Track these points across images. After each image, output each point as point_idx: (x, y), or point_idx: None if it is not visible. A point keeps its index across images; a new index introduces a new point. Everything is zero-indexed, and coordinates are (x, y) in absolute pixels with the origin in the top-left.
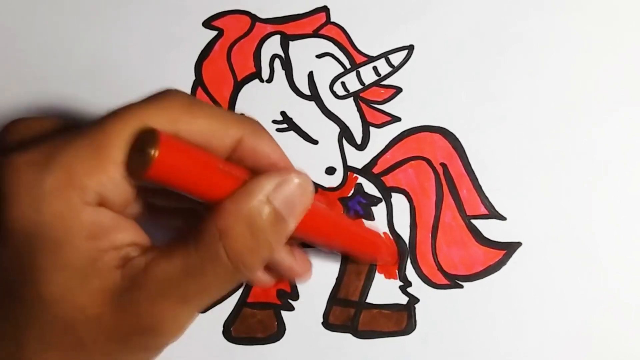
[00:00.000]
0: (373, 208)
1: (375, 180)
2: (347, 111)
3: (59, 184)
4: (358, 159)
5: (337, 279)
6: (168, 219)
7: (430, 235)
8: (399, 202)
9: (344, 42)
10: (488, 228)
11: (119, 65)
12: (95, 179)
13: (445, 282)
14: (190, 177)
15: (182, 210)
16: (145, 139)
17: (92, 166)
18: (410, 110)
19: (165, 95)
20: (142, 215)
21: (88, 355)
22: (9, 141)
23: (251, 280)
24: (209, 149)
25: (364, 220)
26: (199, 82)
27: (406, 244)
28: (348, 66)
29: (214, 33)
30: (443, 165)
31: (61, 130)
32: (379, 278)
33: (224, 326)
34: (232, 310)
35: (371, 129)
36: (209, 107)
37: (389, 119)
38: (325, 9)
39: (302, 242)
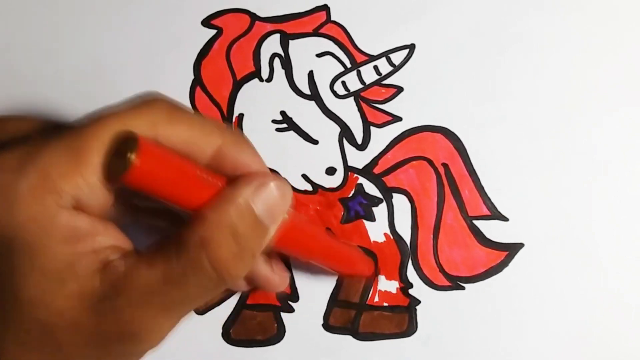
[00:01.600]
0: (374, 209)
1: (376, 180)
2: (348, 111)
3: (34, 187)
4: (359, 159)
5: (337, 280)
6: (150, 220)
7: (431, 236)
8: (400, 202)
9: (345, 41)
10: (490, 229)
11: (117, 64)
12: (71, 183)
13: (447, 283)
14: (168, 183)
15: (164, 211)
16: (124, 144)
17: (68, 170)
18: (411, 109)
19: (146, 100)
20: (123, 216)
21: None
22: None
23: (232, 286)
24: (189, 156)
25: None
26: (197, 82)
27: (407, 245)
28: (348, 65)
29: (213, 32)
30: (444, 165)
31: (39, 131)
32: (379, 279)
33: (223, 328)
34: (232, 312)
35: (372, 128)
36: (191, 114)
37: (390, 118)
38: (325, 8)
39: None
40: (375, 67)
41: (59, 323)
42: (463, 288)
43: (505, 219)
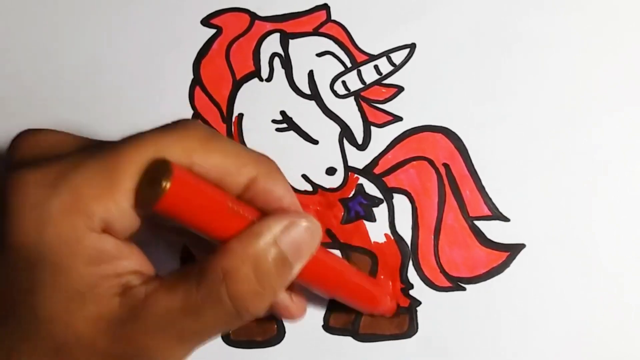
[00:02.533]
0: (374, 209)
1: (377, 180)
2: (348, 111)
3: (65, 207)
4: (359, 159)
5: None
6: (174, 237)
7: (432, 236)
8: (401, 203)
9: (345, 40)
10: (491, 229)
11: (117, 64)
12: (103, 206)
13: (448, 284)
14: (199, 213)
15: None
16: (158, 170)
17: (101, 192)
18: (412, 109)
19: (183, 126)
20: (147, 233)
21: None
22: (18, 156)
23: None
24: (222, 185)
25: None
26: (197, 81)
27: (408, 246)
28: (349, 65)
29: (213, 31)
30: (445, 165)
31: (72, 145)
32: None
33: None
34: None
35: (372, 128)
36: (226, 142)
37: (390, 118)
38: (325, 7)
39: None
40: (376, 67)
41: (75, 343)
42: (464, 289)
43: (506, 219)
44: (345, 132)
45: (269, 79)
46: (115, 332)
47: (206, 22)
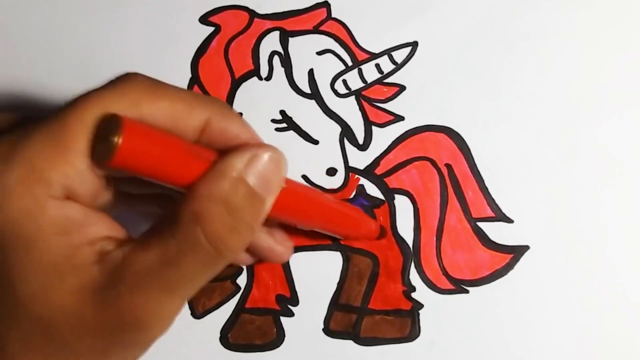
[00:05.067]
0: (375, 210)
1: (378, 181)
2: (349, 110)
3: (22, 179)
4: (360, 159)
5: (338, 283)
6: (143, 207)
7: (434, 238)
8: (403, 204)
9: (346, 38)
10: (494, 231)
11: (114, 62)
12: (59, 171)
13: (451, 286)
14: (157, 162)
15: (156, 196)
16: (107, 126)
17: (55, 158)
18: (414, 109)
19: (125, 79)
20: (115, 205)
21: (73, 355)
22: None
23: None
24: (176, 132)
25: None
26: (195, 80)
27: (410, 248)
28: (350, 63)
29: (211, 29)
30: (448, 166)
31: (20, 123)
32: (381, 283)
33: (221, 332)
34: (230, 316)
35: (373, 128)
36: (173, 88)
37: (392, 118)
38: (326, 4)
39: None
40: (377, 65)
41: (61, 318)
42: (467, 292)
43: (510, 220)
44: (346, 132)
45: (268, 78)
46: (100, 300)
47: (205, 19)
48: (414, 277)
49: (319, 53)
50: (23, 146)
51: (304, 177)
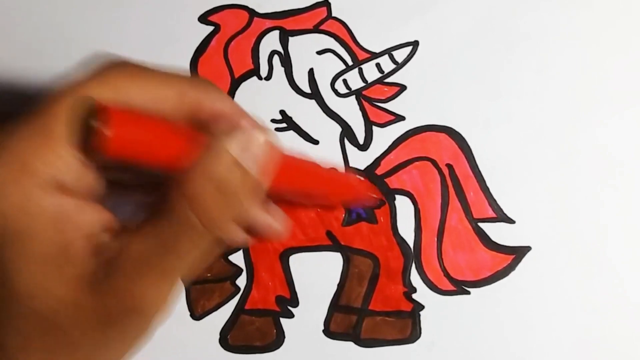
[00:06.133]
0: (376, 211)
1: (379, 181)
2: (349, 110)
3: (11, 175)
4: (360, 159)
5: (338, 284)
6: (135, 195)
7: (435, 239)
8: (403, 204)
9: (346, 37)
10: (496, 231)
11: None
12: (47, 162)
13: (452, 288)
14: (146, 149)
15: (148, 184)
16: (92, 114)
17: (42, 150)
18: (414, 108)
19: (108, 65)
20: (106, 195)
21: (75, 346)
22: None
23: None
24: (162, 115)
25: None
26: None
27: (411, 248)
28: (350, 63)
29: (211, 28)
30: (449, 166)
31: (5, 120)
32: (382, 284)
33: (220, 334)
34: (229, 317)
35: (374, 128)
36: (157, 71)
37: (392, 118)
38: (326, 4)
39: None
40: (378, 65)
41: (60, 310)
42: (468, 293)
43: (511, 221)
44: (347, 132)
45: (268, 78)
46: (98, 289)
47: (204, 19)
48: (415, 278)
49: (319, 52)
50: (9, 141)
51: None
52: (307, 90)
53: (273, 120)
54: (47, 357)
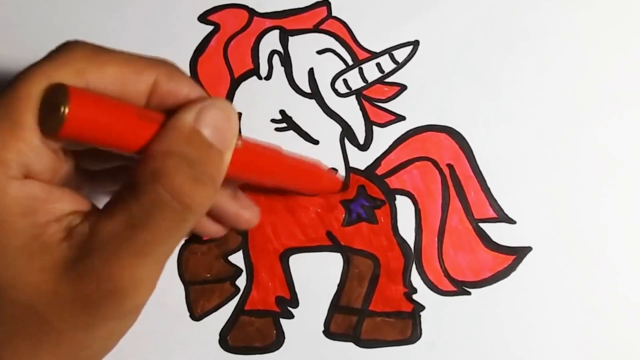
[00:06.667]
0: (376, 211)
1: (379, 182)
2: (349, 110)
3: None
4: (361, 159)
5: (338, 285)
6: (106, 183)
7: (436, 239)
8: (404, 204)
9: (346, 37)
10: (497, 232)
11: None
12: (13, 150)
13: (452, 288)
14: (107, 129)
15: (118, 170)
16: (55, 97)
17: (7, 137)
18: (415, 108)
19: (67, 48)
20: (77, 182)
21: (59, 335)
22: None
23: (202, 232)
24: (124, 97)
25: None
26: (194, 79)
27: (411, 249)
28: (350, 63)
29: (210, 28)
30: (449, 166)
31: None
32: (382, 284)
33: (220, 335)
34: (229, 318)
35: (374, 128)
36: (118, 53)
37: (393, 117)
38: (326, 3)
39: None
40: (378, 65)
41: (39, 298)
42: (469, 293)
43: (512, 221)
44: (347, 132)
45: (268, 77)
46: (75, 274)
47: (204, 18)
48: (415, 278)
49: (319, 52)
50: None
51: None
52: (307, 90)
53: (273, 120)
54: (33, 346)
